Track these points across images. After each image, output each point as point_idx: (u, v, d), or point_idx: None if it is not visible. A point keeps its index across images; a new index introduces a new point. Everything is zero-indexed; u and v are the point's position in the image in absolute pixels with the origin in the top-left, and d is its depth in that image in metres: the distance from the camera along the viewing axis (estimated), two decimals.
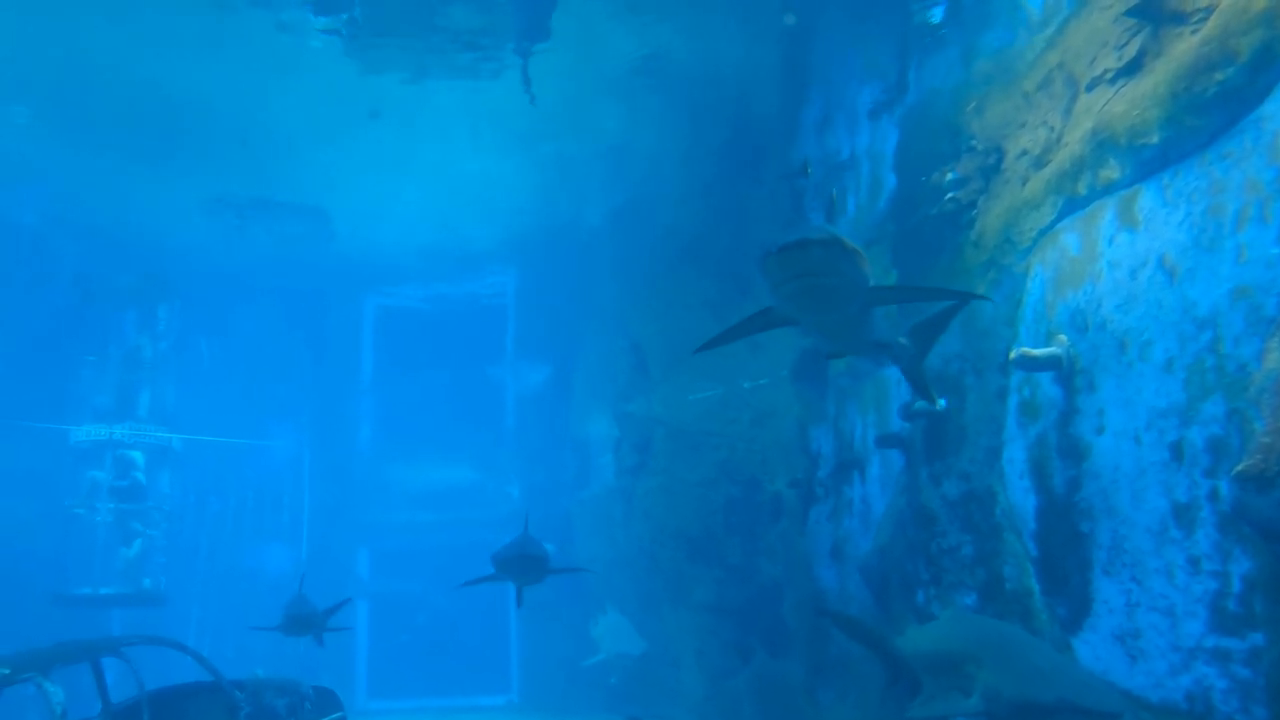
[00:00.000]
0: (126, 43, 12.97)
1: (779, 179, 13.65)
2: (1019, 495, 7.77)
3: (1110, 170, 6.83)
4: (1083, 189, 7.17)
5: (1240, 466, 5.27)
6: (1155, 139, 6.34)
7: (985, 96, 9.00)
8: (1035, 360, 7.27)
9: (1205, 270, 5.86)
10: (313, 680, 10.87)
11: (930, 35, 10.42)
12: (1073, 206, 7.32)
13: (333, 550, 21.88)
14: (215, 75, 13.84)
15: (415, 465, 22.60)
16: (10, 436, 17.61)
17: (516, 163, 16.78)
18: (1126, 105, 6.69)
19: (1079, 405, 7.05)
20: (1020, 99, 8.46)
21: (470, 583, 9.96)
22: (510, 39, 13.03)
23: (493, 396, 23.23)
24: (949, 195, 9.10)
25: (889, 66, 11.34)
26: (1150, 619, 6.24)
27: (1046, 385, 7.42)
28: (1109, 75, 7.19)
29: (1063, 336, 7.23)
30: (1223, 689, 5.62)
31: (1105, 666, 6.56)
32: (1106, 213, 6.89)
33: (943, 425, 8.91)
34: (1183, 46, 6.30)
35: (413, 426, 22.58)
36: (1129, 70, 6.96)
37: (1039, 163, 7.99)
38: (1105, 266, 6.84)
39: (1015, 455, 7.84)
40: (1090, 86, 7.44)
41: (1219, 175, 5.82)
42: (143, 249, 19.15)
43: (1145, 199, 6.49)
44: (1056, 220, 7.52)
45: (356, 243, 20.07)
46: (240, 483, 22.58)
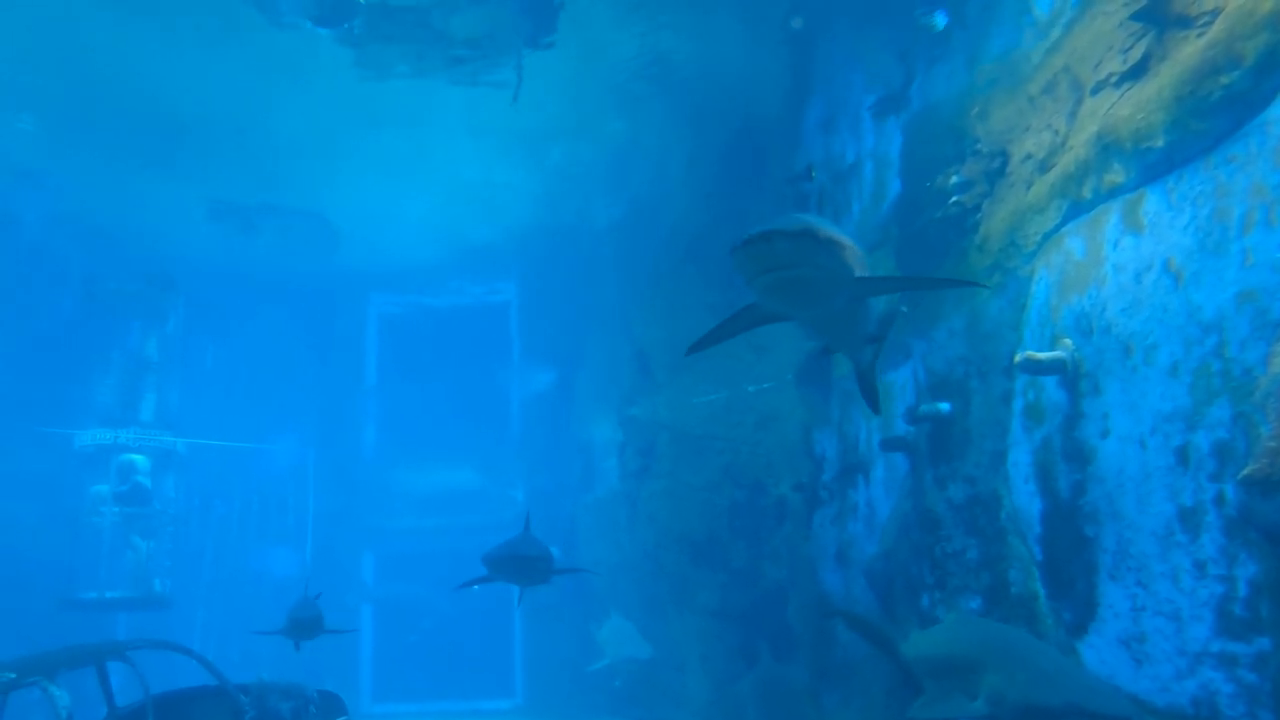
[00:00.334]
0: (132, 49, 13.01)
1: (783, 182, 13.66)
2: (1024, 499, 7.76)
3: (1115, 174, 6.83)
4: (1087, 193, 7.16)
5: (1246, 471, 5.26)
6: (1160, 143, 6.33)
7: (990, 100, 9.00)
8: (1040, 364, 7.26)
9: (1210, 274, 5.85)
10: (317, 684, 10.89)
11: (934, 39, 10.42)
12: (1077, 210, 7.31)
13: (337, 554, 21.91)
14: (220, 81, 13.89)
15: (419, 469, 22.61)
16: (16, 441, 17.64)
17: (520, 167, 16.81)
18: (1131, 109, 6.69)
19: (1084, 409, 7.03)
20: (1025, 102, 8.45)
21: (465, 584, 9.81)
22: (514, 43, 13.05)
23: (497, 400, 23.23)
24: (953, 199, 9.09)
25: (893, 70, 11.34)
26: (1156, 623, 6.23)
27: (1051, 389, 7.41)
28: (1114, 79, 7.18)
29: (1067, 340, 7.21)
30: (1229, 693, 5.61)
31: (1111, 671, 6.54)
32: (1111, 216, 6.88)
33: (947, 429, 8.89)
34: (1188, 50, 6.29)
35: (417, 431, 22.59)
36: (1134, 74, 6.95)
37: (1044, 166, 7.99)
38: (1110, 270, 6.83)
39: (1020, 459, 7.83)
40: (1095, 90, 7.44)
41: (1224, 179, 5.81)
42: (148, 254, 19.20)
43: (1150, 203, 6.48)
44: (1061, 224, 7.51)
45: (361, 247, 20.12)
46: (245, 487, 22.63)
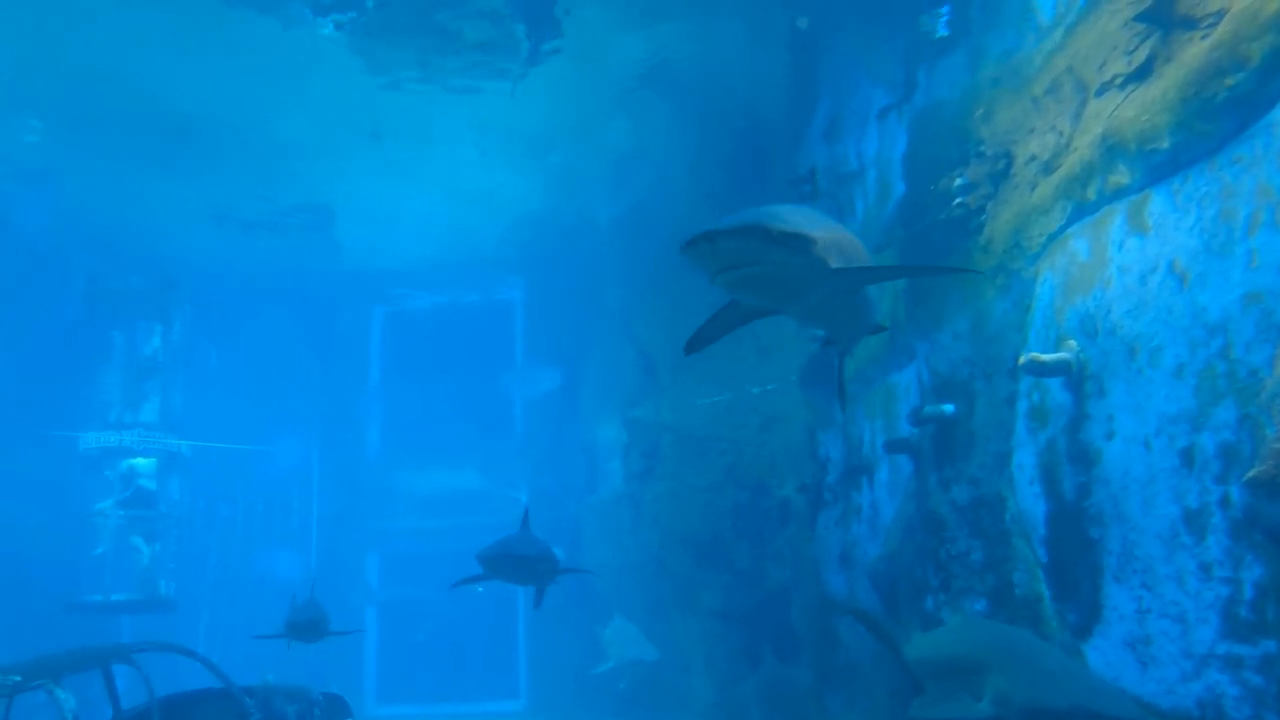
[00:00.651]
0: (137, 51, 13.04)
1: (786, 185, 13.65)
2: (1028, 501, 7.75)
3: (1120, 175, 6.82)
4: (1092, 194, 7.15)
5: (1252, 473, 5.25)
6: (1165, 144, 6.32)
7: (993, 101, 8.99)
8: (1044, 365, 7.24)
9: (1216, 276, 5.84)
10: (322, 686, 10.91)
11: (938, 40, 10.41)
12: (1082, 212, 7.30)
13: (341, 556, 21.92)
14: (224, 83, 13.91)
15: (423, 471, 22.62)
16: (21, 443, 17.66)
17: (524, 168, 16.83)
18: (1136, 110, 6.68)
19: (1089, 411, 7.02)
20: (1029, 104, 8.44)
21: (460, 583, 9.72)
22: (519, 48, 13.07)
23: (501, 403, 23.25)
24: (957, 201, 9.08)
25: (896, 72, 11.34)
26: (1161, 625, 6.21)
27: (1056, 391, 7.39)
28: (1118, 80, 7.17)
29: (1072, 342, 7.20)
30: (1235, 696, 5.60)
31: (1116, 673, 6.52)
32: (1116, 218, 6.87)
33: (952, 431, 8.88)
34: (1193, 51, 6.28)
35: (421, 433, 22.61)
36: (1139, 75, 6.94)
37: (1048, 168, 7.97)
38: (1115, 272, 6.82)
39: (1025, 461, 7.82)
40: (1100, 91, 7.42)
41: (1230, 180, 5.80)
42: (153, 257, 19.24)
43: (1155, 204, 6.47)
44: (1066, 225, 7.49)
45: (365, 250, 20.15)
46: (249, 489, 22.65)
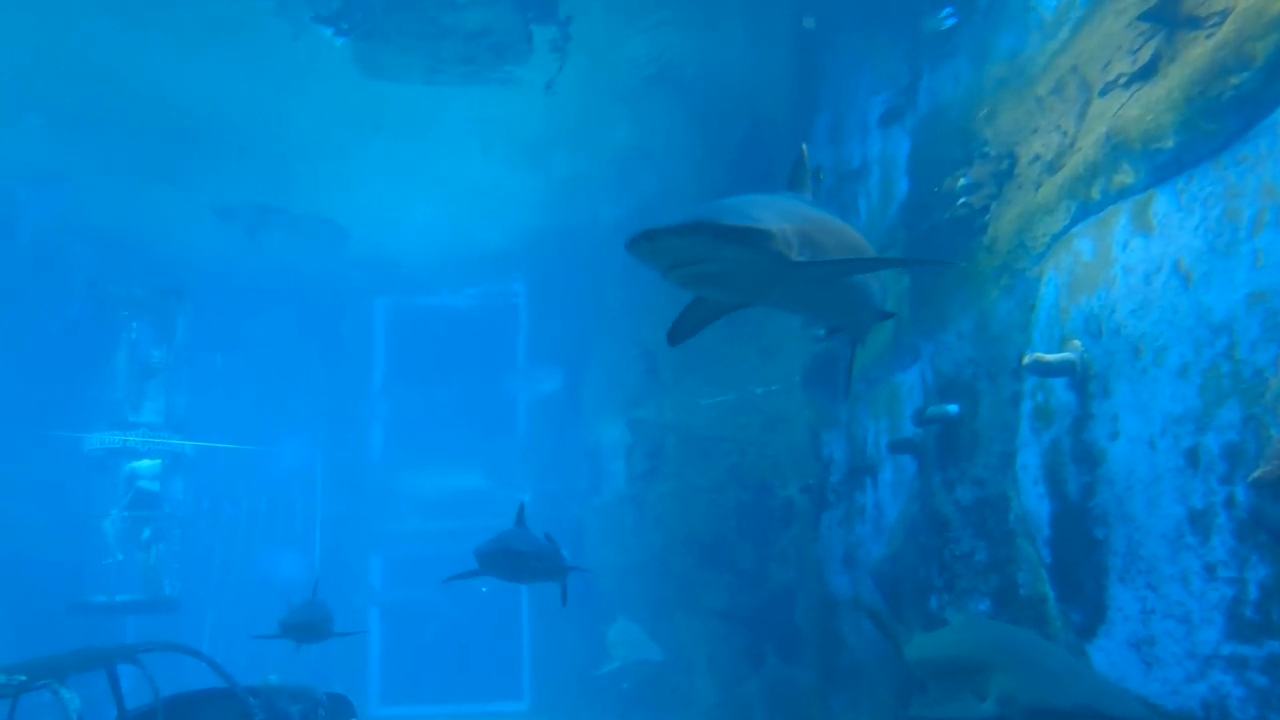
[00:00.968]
0: (139, 52, 13.05)
1: (789, 185, 13.63)
2: (1033, 501, 7.74)
3: (1124, 175, 6.81)
4: (1096, 194, 7.14)
5: (1257, 473, 5.24)
6: (1170, 143, 6.31)
7: (997, 101, 8.98)
8: (1049, 365, 7.23)
9: (1221, 275, 5.83)
10: (326, 686, 10.92)
11: (941, 40, 10.40)
12: (1086, 211, 7.29)
13: (345, 557, 21.94)
14: (227, 84, 13.92)
15: (427, 472, 22.64)
16: (25, 445, 17.69)
17: (528, 170, 16.82)
18: (1141, 109, 6.67)
19: (1093, 411, 7.01)
20: (1033, 103, 8.43)
21: (454, 578, 9.72)
22: (521, 47, 13.07)
23: (504, 403, 23.27)
24: (961, 201, 9.07)
25: (900, 72, 11.33)
26: (1166, 626, 6.20)
27: (1060, 391, 7.38)
28: (1123, 79, 7.16)
29: (1077, 342, 7.19)
30: (1239, 696, 5.59)
31: (1120, 674, 6.51)
32: (1120, 218, 6.86)
33: (956, 431, 8.87)
34: (1198, 51, 6.27)
35: (424, 433, 22.62)
36: (1143, 74, 6.93)
37: (1052, 167, 7.97)
38: (1119, 272, 6.81)
39: (1029, 461, 7.81)
40: (1104, 91, 7.41)
41: (1235, 180, 5.79)
42: (156, 257, 19.27)
43: (1160, 204, 6.46)
44: (1070, 225, 7.49)
45: (368, 250, 20.16)
46: (253, 489, 22.67)
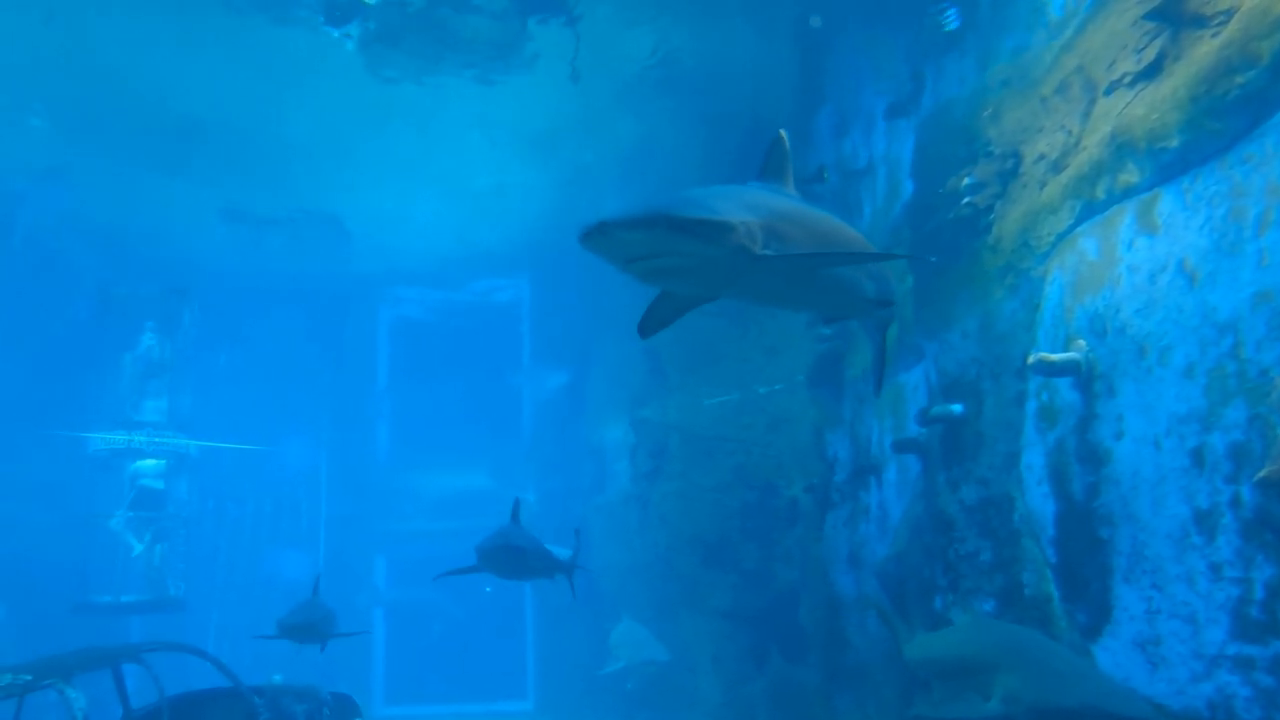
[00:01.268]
0: (144, 53, 13.08)
1: (796, 184, 13.63)
2: (1037, 501, 7.73)
3: (1129, 174, 6.80)
4: (1101, 193, 7.13)
5: (1263, 473, 5.23)
6: (1175, 143, 6.30)
7: (1002, 100, 8.97)
8: (1053, 365, 7.23)
9: (1226, 275, 5.82)
10: (331, 686, 10.92)
11: (946, 39, 10.39)
12: (1091, 211, 7.29)
13: (349, 557, 21.96)
14: (232, 85, 13.94)
15: (431, 472, 22.65)
16: (31, 445, 17.73)
17: (532, 168, 16.82)
18: (1146, 109, 6.66)
19: (1098, 410, 7.00)
20: (1038, 103, 8.42)
21: (449, 573, 9.71)
22: (525, 44, 13.08)
23: (508, 403, 23.27)
24: (966, 200, 9.06)
25: (905, 70, 11.32)
26: (1171, 626, 6.20)
27: (1065, 390, 7.38)
28: (1128, 79, 7.15)
29: (1081, 341, 7.18)
30: (1245, 697, 5.58)
31: (1125, 674, 6.50)
32: (1125, 217, 6.85)
33: (960, 430, 8.86)
34: (1203, 50, 6.26)
35: (429, 433, 22.63)
36: (1148, 74, 6.92)
37: (1057, 167, 7.96)
38: (1124, 271, 6.80)
39: (1034, 461, 7.80)
40: (1109, 90, 7.41)
41: (1240, 179, 5.78)
42: (161, 257, 19.29)
43: (1165, 203, 6.45)
44: (1075, 225, 7.48)
45: (373, 249, 20.16)
46: (258, 489, 22.70)
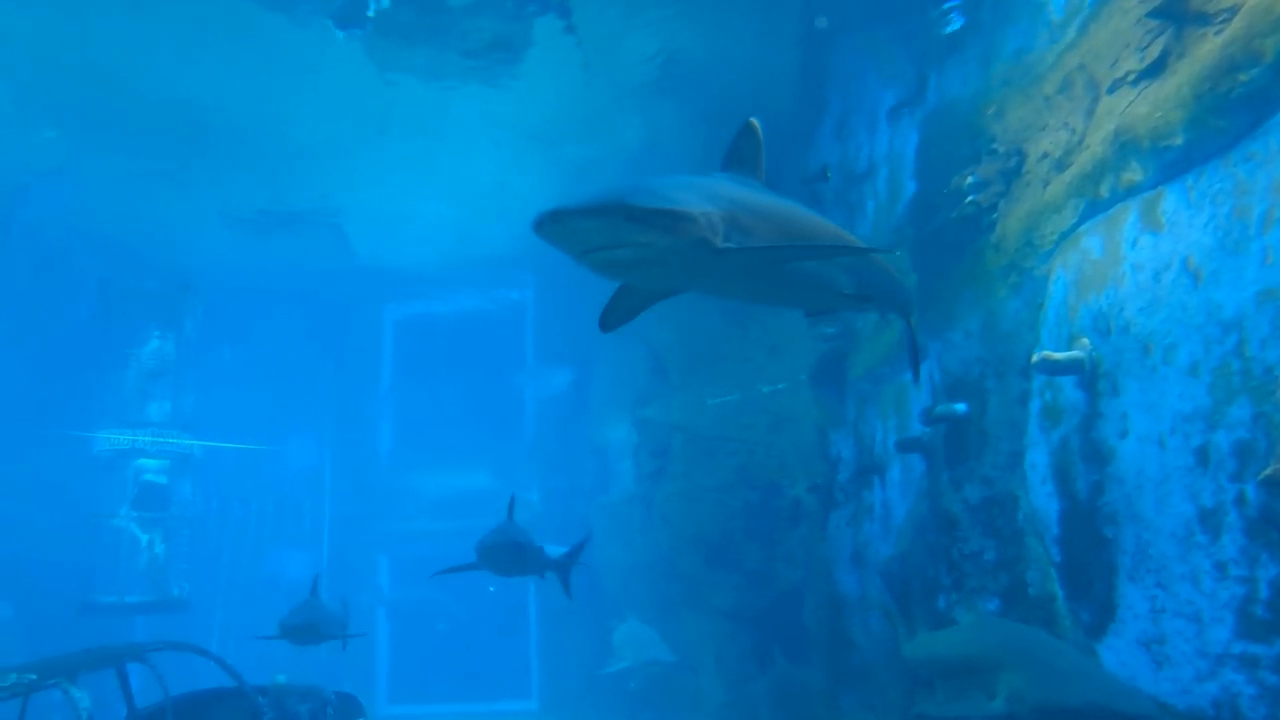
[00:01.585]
0: (149, 55, 13.08)
1: (799, 183, 13.62)
2: (1041, 500, 7.72)
3: (1133, 172, 6.79)
4: (1105, 191, 7.13)
5: (1268, 471, 5.23)
6: (1179, 141, 6.30)
7: (1005, 99, 8.97)
8: (1057, 364, 7.22)
9: (1230, 273, 5.81)
10: (335, 686, 10.92)
11: (948, 38, 10.39)
12: (1095, 209, 7.28)
13: (353, 557, 21.98)
14: (236, 87, 13.94)
15: (434, 472, 22.66)
16: (35, 445, 17.76)
17: (535, 168, 16.81)
18: (1149, 107, 6.65)
19: (1102, 409, 7.00)
20: (1041, 101, 8.42)
21: (446, 571, 9.72)
22: (528, 44, 13.09)
23: (512, 403, 23.27)
24: (969, 199, 9.06)
25: (908, 70, 11.32)
26: (1176, 625, 6.19)
27: (1069, 389, 7.37)
28: (1131, 77, 7.15)
29: (1085, 340, 7.18)
30: (1250, 695, 5.57)
31: (1130, 673, 6.50)
32: (1129, 215, 6.85)
33: (964, 429, 8.86)
34: (1206, 48, 6.26)
35: (432, 433, 22.64)
36: (1151, 72, 6.92)
37: (1060, 165, 7.95)
38: (1128, 269, 6.79)
39: (1038, 460, 7.79)
40: (1112, 88, 7.40)
41: (1244, 177, 5.78)
42: (166, 259, 19.31)
43: (1168, 201, 6.44)
44: (1078, 223, 7.48)
45: (376, 250, 20.15)
46: (261, 490, 22.73)
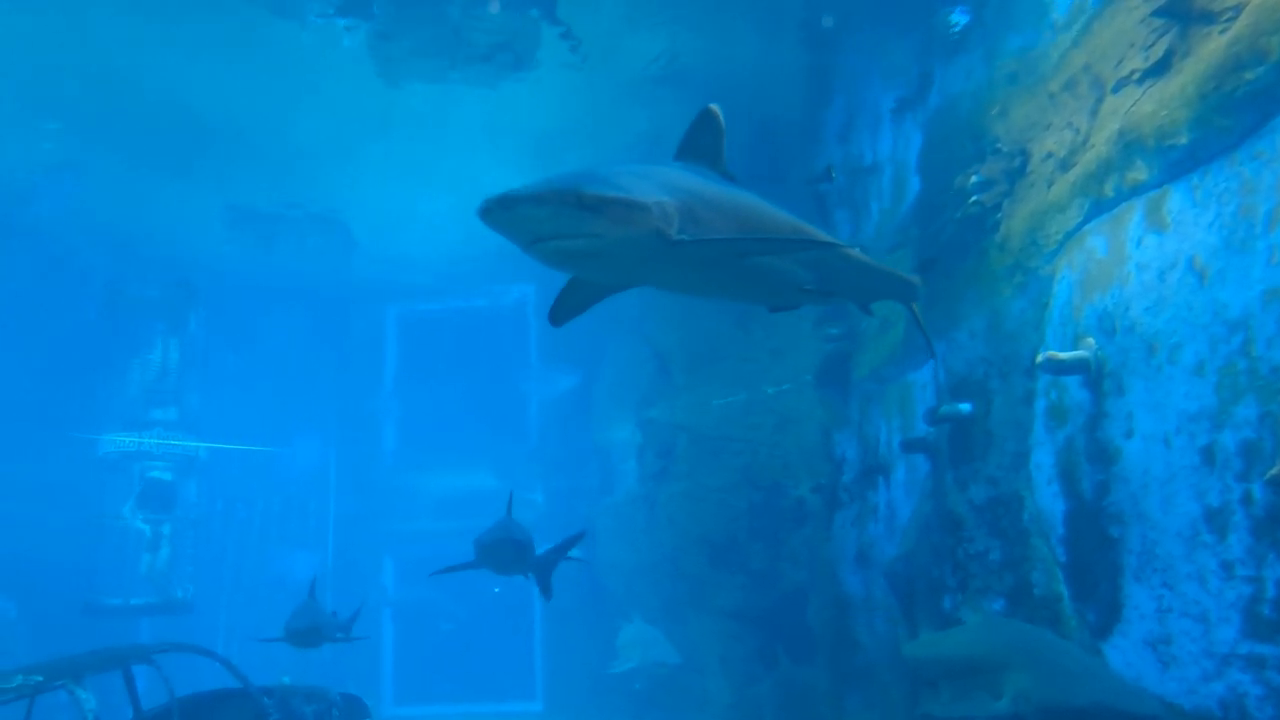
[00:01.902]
0: (153, 56, 13.10)
1: (803, 184, 13.60)
2: (1047, 500, 7.71)
3: (1138, 171, 6.78)
4: (1110, 191, 7.11)
5: (1274, 470, 5.21)
6: (1184, 139, 6.28)
7: (1009, 98, 8.95)
8: (1062, 364, 7.21)
9: (1236, 272, 5.79)
10: (340, 687, 10.93)
11: (953, 38, 10.38)
12: (1099, 209, 7.27)
13: (357, 558, 21.99)
14: (240, 87, 13.96)
15: (439, 473, 22.64)
16: (39, 446, 17.78)
17: (538, 169, 16.74)
18: (1154, 106, 6.63)
19: (1107, 409, 6.98)
20: (1045, 101, 8.40)
21: (446, 570, 9.69)
22: (532, 45, 13.09)
23: (516, 404, 23.26)
24: (973, 198, 9.05)
25: (912, 69, 11.31)
26: (1182, 625, 6.17)
27: (1074, 389, 7.36)
28: (1136, 76, 7.13)
29: (1090, 340, 7.16)
30: (1257, 695, 5.55)
31: (1136, 673, 6.48)
32: (1134, 215, 6.83)
33: (969, 430, 8.85)
34: (1211, 46, 6.24)
35: (436, 434, 22.64)
36: (1156, 70, 6.90)
37: (1065, 165, 7.94)
38: (1133, 269, 6.78)
39: (1043, 459, 7.78)
40: (1117, 87, 7.39)
41: (1250, 175, 5.76)
42: (170, 259, 19.32)
43: (1174, 200, 6.43)
44: (1083, 222, 7.46)
45: (380, 251, 20.16)
46: (266, 491, 22.74)
